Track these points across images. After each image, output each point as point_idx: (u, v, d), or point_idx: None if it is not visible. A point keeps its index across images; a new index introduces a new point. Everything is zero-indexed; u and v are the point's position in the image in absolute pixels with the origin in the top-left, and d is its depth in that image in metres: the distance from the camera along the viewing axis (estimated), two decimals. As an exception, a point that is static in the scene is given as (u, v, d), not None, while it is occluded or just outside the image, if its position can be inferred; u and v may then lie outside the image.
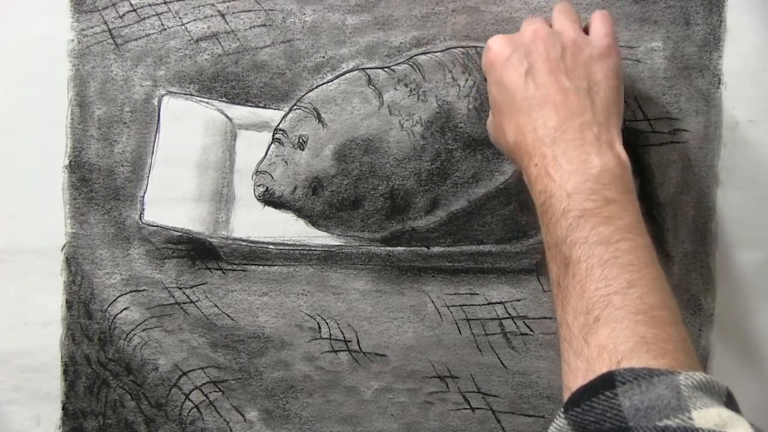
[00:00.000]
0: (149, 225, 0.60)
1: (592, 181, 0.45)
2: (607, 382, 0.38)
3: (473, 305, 0.60)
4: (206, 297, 0.60)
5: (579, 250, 0.43)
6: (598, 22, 0.51)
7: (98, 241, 0.60)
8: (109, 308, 0.60)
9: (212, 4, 0.60)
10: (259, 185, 0.59)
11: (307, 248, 0.59)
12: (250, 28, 0.60)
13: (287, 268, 0.60)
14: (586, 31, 0.51)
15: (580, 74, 0.48)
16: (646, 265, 0.43)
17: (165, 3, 0.60)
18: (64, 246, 0.60)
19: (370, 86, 0.57)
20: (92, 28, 0.60)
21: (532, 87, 0.48)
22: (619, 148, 0.47)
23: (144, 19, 0.60)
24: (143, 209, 0.60)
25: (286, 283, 0.60)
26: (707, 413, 0.35)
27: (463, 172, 0.57)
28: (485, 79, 0.53)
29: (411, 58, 0.59)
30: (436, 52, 0.59)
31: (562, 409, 0.38)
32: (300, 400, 0.60)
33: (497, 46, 0.50)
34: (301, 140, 0.57)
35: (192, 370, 0.60)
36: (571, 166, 0.45)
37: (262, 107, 0.60)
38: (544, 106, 0.47)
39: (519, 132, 0.48)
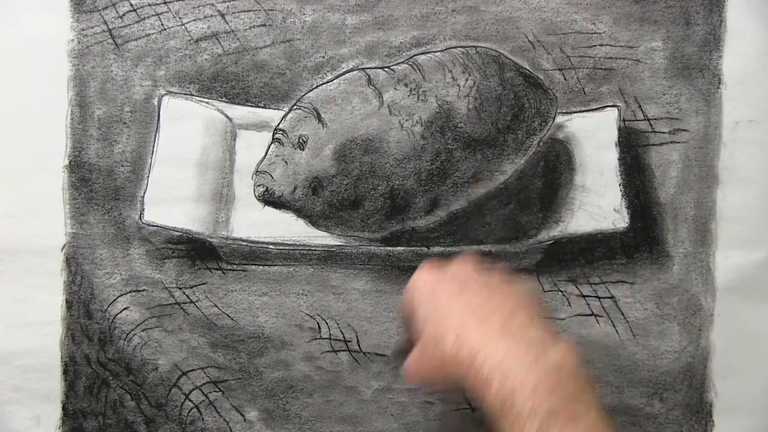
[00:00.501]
0: (149, 225, 0.60)
1: (553, 375, 0.43)
2: None
3: (473, 305, 0.60)
4: (206, 297, 0.60)
5: None
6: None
7: (98, 241, 0.60)
8: (109, 308, 0.60)
9: (212, 4, 0.60)
10: (259, 185, 0.59)
11: (307, 248, 0.59)
12: (250, 28, 0.60)
13: (287, 268, 0.60)
14: None
15: (510, 295, 0.48)
16: None
17: (165, 3, 0.60)
18: (64, 246, 0.60)
19: (370, 86, 0.57)
20: (92, 28, 0.60)
21: (470, 296, 0.48)
22: (563, 340, 0.46)
23: (144, 19, 0.60)
24: (143, 209, 0.60)
25: (286, 283, 0.60)
26: None
27: (463, 172, 0.57)
28: (485, 79, 0.53)
29: (411, 57, 0.59)
30: (436, 52, 0.59)
31: None
32: (300, 400, 0.61)
33: (427, 270, 0.50)
34: (301, 140, 0.57)
35: (192, 370, 0.60)
36: (529, 360, 0.44)
37: (262, 107, 0.61)
38: (484, 308, 0.47)
39: (459, 335, 0.46)
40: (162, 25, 0.60)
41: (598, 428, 0.43)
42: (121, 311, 0.60)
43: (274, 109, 0.60)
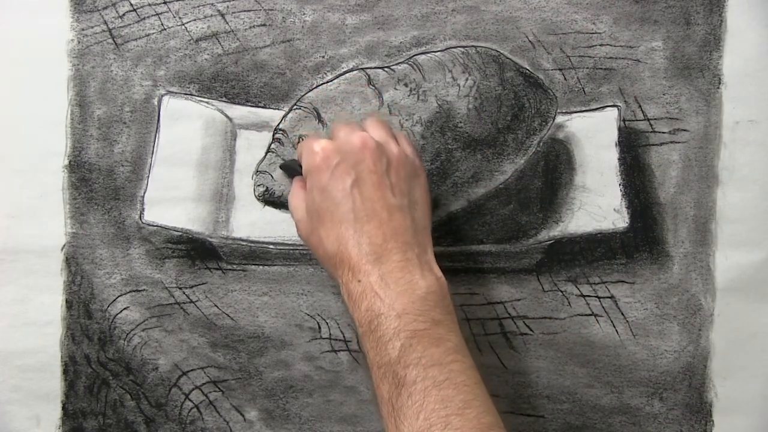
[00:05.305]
0: (149, 225, 0.60)
1: (420, 303, 0.46)
2: None
3: (473, 305, 0.60)
4: (206, 297, 0.60)
5: (414, 371, 0.44)
6: (403, 142, 0.52)
7: (98, 241, 0.60)
8: (109, 308, 0.60)
9: (212, 4, 0.60)
10: (259, 185, 0.59)
11: (307, 248, 0.59)
12: (250, 27, 0.60)
13: (287, 268, 0.60)
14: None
15: (403, 191, 0.49)
16: (477, 384, 0.45)
17: (165, 3, 0.60)
18: (64, 246, 0.60)
19: (370, 86, 0.57)
20: (92, 28, 0.60)
21: (359, 199, 0.48)
22: (437, 270, 0.48)
23: (144, 19, 0.60)
24: (143, 209, 0.60)
25: (286, 283, 0.60)
26: None
27: (463, 172, 0.57)
28: (485, 79, 0.53)
29: (411, 57, 0.59)
30: (436, 51, 0.59)
31: None
32: (300, 400, 0.61)
33: (325, 151, 0.49)
34: (301, 140, 0.57)
35: (192, 370, 0.60)
36: (399, 287, 0.46)
37: (262, 107, 0.60)
38: (369, 221, 0.47)
39: (341, 243, 0.48)
40: (162, 25, 0.60)
41: (458, 350, 0.46)
42: (121, 311, 0.60)
43: (274, 109, 0.60)
